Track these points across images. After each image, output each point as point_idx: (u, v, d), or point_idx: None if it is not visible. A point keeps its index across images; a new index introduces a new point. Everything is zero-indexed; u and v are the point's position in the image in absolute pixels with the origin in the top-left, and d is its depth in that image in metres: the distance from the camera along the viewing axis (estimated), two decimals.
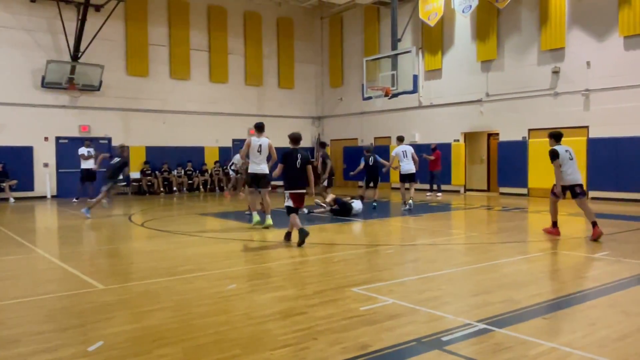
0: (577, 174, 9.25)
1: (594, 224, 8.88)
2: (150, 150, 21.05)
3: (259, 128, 10.43)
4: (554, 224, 9.56)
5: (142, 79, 20.94)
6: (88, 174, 17.14)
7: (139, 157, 20.80)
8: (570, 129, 16.61)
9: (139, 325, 4.56)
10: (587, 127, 16.25)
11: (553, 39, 16.82)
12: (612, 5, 15.49)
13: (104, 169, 14.40)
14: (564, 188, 9.20)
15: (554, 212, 9.53)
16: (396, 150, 13.81)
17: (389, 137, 22.16)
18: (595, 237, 8.78)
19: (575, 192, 9.17)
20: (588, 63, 16.10)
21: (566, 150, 9.34)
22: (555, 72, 16.88)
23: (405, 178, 13.71)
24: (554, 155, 9.18)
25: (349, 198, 13.12)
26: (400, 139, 14.21)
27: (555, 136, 9.51)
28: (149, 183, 20.54)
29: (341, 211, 12.46)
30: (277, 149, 10.34)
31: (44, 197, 18.84)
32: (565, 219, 11.97)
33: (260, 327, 4.47)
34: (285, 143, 9.25)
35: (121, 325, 4.59)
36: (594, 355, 3.75)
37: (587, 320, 4.62)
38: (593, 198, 15.89)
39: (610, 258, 7.40)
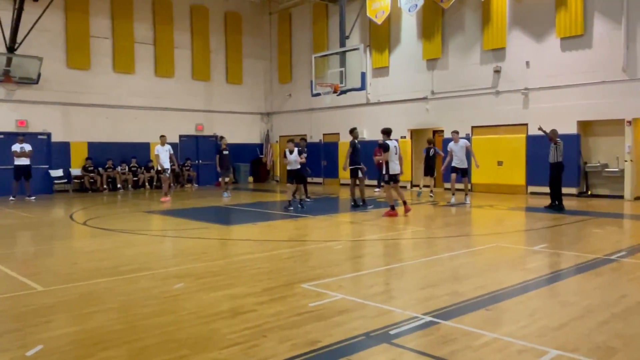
0: (398, 165, 11.53)
1: (405, 203, 11.63)
2: (92, 146, 20.31)
3: None
4: (392, 207, 11.45)
5: (83, 72, 20.16)
6: (23, 171, 16.42)
7: (81, 153, 20.05)
8: (510, 127, 17.27)
9: (80, 328, 4.41)
10: (526, 124, 16.85)
11: (495, 39, 17.35)
12: (549, 8, 16.12)
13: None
14: (391, 176, 11.45)
15: (391, 197, 11.59)
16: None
17: (338, 134, 22.31)
18: (406, 213, 11.56)
19: (396, 179, 11.66)
20: (527, 63, 16.71)
21: (395, 146, 11.41)
22: (497, 72, 17.43)
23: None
24: (385, 148, 11.32)
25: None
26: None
27: (387, 132, 11.59)
28: (92, 180, 19.85)
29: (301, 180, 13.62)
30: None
31: None
32: (506, 213, 12.44)
33: (208, 326, 4.41)
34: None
35: (62, 328, 4.42)
36: (534, 345, 3.91)
37: (528, 310, 4.81)
38: (532, 193, 16.54)
39: (548, 250, 7.74)
